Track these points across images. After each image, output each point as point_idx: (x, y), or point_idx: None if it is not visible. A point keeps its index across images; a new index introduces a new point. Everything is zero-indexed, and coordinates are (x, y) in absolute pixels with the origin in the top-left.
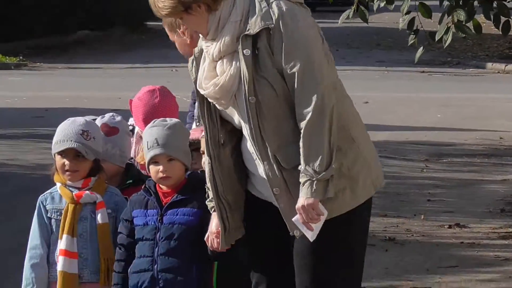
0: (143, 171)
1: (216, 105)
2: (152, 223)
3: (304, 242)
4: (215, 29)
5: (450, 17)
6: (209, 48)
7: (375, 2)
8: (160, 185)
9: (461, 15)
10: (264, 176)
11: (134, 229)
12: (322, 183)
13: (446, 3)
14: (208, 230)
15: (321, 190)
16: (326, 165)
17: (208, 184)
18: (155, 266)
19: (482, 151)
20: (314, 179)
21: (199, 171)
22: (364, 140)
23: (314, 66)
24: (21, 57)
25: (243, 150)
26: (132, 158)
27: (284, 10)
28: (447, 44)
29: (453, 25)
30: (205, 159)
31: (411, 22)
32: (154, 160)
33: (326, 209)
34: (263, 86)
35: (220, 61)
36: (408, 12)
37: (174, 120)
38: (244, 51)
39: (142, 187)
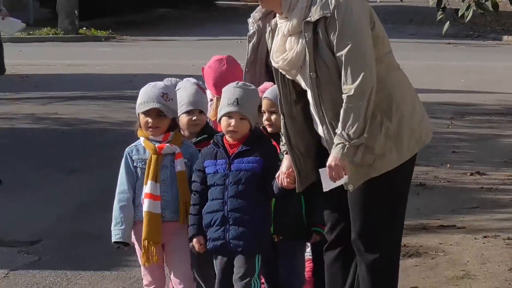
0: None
1: (287, 74)
2: (222, 171)
3: (356, 195)
4: (287, 11)
5: None
6: (282, 24)
7: None
8: (227, 138)
9: None
10: (322, 135)
11: (206, 177)
12: (353, 148)
13: None
14: (280, 170)
15: (350, 154)
16: (359, 134)
17: (282, 137)
18: (225, 207)
19: (499, 110)
20: (346, 143)
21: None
22: (409, 105)
23: (358, 52)
24: (110, 31)
25: (311, 112)
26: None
27: (341, 1)
28: (468, 19)
29: (473, 3)
30: None
31: (440, 0)
32: (228, 115)
33: (372, 168)
34: (321, 64)
35: (290, 37)
36: None
37: (253, 87)
38: (305, 34)
39: (211, 141)
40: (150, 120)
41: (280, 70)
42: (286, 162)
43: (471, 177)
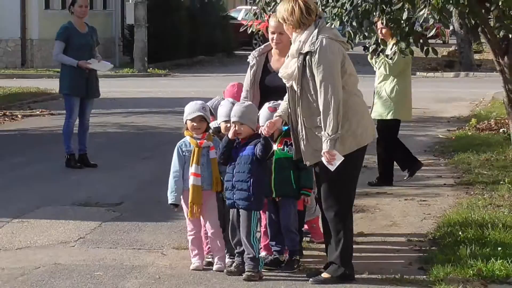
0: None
1: (286, 82)
2: (234, 154)
3: (321, 172)
4: (293, 39)
5: (396, 46)
6: (291, 49)
7: (356, 37)
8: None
9: (402, 45)
10: (299, 128)
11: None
12: (333, 141)
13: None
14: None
15: (332, 144)
16: (335, 131)
17: (280, 112)
18: (234, 178)
19: (414, 119)
20: (328, 138)
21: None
22: (357, 119)
23: (328, 77)
24: (167, 70)
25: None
26: None
27: (323, 44)
28: (393, 61)
29: (398, 51)
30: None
31: (375, 49)
32: (234, 123)
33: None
34: (305, 81)
35: (293, 59)
36: (374, 44)
37: (248, 102)
38: (298, 61)
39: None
40: (195, 124)
41: (284, 81)
42: (272, 119)
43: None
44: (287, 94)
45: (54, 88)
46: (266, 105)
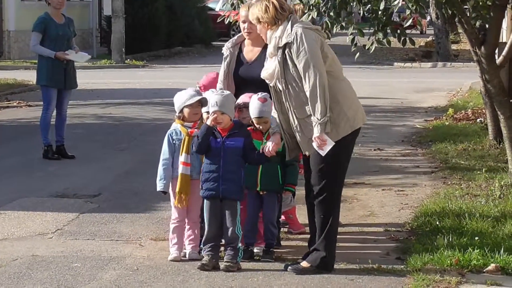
0: None
1: (269, 83)
2: (218, 146)
3: (313, 160)
4: (268, 39)
5: (374, 36)
6: (268, 49)
7: (334, 27)
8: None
9: (379, 35)
10: (291, 122)
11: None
12: (323, 125)
13: (372, 29)
14: (267, 144)
15: (322, 128)
16: (323, 115)
17: (275, 124)
18: (220, 169)
19: (391, 109)
20: (317, 122)
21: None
22: (347, 102)
23: (310, 64)
24: (144, 62)
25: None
26: None
27: (298, 32)
28: (371, 51)
29: (375, 41)
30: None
31: (353, 39)
32: (214, 112)
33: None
34: (288, 74)
35: (270, 59)
36: (352, 34)
37: (227, 91)
38: (277, 56)
39: None
40: (194, 108)
41: (267, 82)
42: (273, 138)
43: (374, 152)
44: (273, 105)
45: (32, 80)
46: (255, 96)
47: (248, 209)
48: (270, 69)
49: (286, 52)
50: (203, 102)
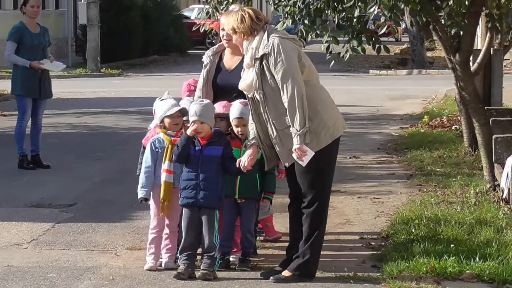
0: None
1: (247, 94)
2: (197, 154)
3: (299, 169)
4: (245, 52)
5: (349, 44)
6: (244, 60)
7: (309, 35)
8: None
9: (354, 43)
10: (270, 133)
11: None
12: (302, 136)
13: (347, 37)
14: (242, 158)
15: (302, 139)
16: (302, 126)
17: (252, 136)
18: (199, 178)
19: (367, 117)
20: (297, 133)
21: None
22: (326, 112)
23: (288, 74)
24: (120, 70)
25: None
26: None
27: (275, 43)
28: (346, 58)
29: (350, 49)
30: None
31: (328, 47)
32: (193, 122)
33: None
34: (266, 85)
35: (247, 70)
36: (327, 42)
37: (206, 100)
38: (255, 67)
39: None
40: (174, 119)
41: (245, 93)
42: (249, 152)
43: (350, 159)
44: (250, 115)
45: (6, 89)
46: (237, 101)
47: (225, 217)
48: (247, 80)
49: (263, 63)
50: (183, 112)
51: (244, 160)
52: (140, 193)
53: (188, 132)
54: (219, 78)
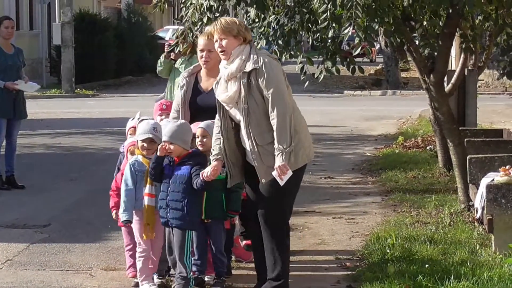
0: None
1: (226, 107)
2: (170, 173)
3: (264, 188)
4: (230, 61)
5: (323, 65)
6: (223, 71)
7: (283, 56)
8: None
9: (328, 64)
10: (248, 149)
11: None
12: (287, 154)
13: (321, 57)
14: (205, 169)
15: (287, 158)
16: (289, 144)
17: (217, 151)
18: (168, 197)
19: (341, 138)
20: (283, 151)
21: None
22: (303, 133)
23: (279, 92)
24: (94, 91)
25: (241, 134)
26: None
27: (266, 60)
28: (320, 79)
29: (324, 69)
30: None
31: (302, 68)
32: (164, 142)
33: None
34: (251, 100)
35: (230, 82)
36: (301, 63)
37: (181, 121)
38: (242, 80)
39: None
40: (145, 144)
41: (223, 105)
42: (214, 163)
43: (324, 180)
44: (215, 128)
45: None
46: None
47: (197, 238)
48: (230, 92)
49: (251, 77)
50: (154, 139)
51: (207, 171)
52: (124, 217)
53: (158, 152)
54: (198, 99)
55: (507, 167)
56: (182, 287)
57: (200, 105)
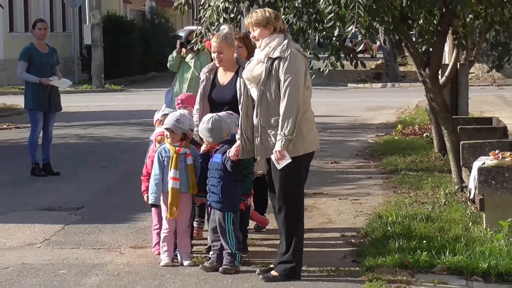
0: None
1: (248, 86)
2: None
3: (276, 174)
4: (262, 45)
5: (328, 60)
6: (256, 56)
7: None
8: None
9: (333, 59)
10: (255, 125)
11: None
12: (287, 141)
13: (327, 53)
14: (230, 149)
15: (286, 144)
16: (291, 133)
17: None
18: (209, 183)
19: (346, 126)
20: (284, 138)
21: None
22: (308, 127)
23: (294, 83)
24: (122, 86)
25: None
26: None
27: (293, 53)
28: (326, 73)
29: (329, 64)
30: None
31: (309, 63)
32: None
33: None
34: (268, 84)
35: (258, 64)
36: (308, 58)
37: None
38: (266, 64)
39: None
40: (168, 133)
41: (247, 83)
42: (237, 143)
43: (331, 165)
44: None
45: (20, 104)
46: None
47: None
48: (255, 72)
49: (275, 64)
50: (174, 130)
51: (232, 150)
52: (150, 199)
53: (201, 151)
54: (213, 93)
55: (496, 151)
56: (229, 262)
57: (214, 99)
